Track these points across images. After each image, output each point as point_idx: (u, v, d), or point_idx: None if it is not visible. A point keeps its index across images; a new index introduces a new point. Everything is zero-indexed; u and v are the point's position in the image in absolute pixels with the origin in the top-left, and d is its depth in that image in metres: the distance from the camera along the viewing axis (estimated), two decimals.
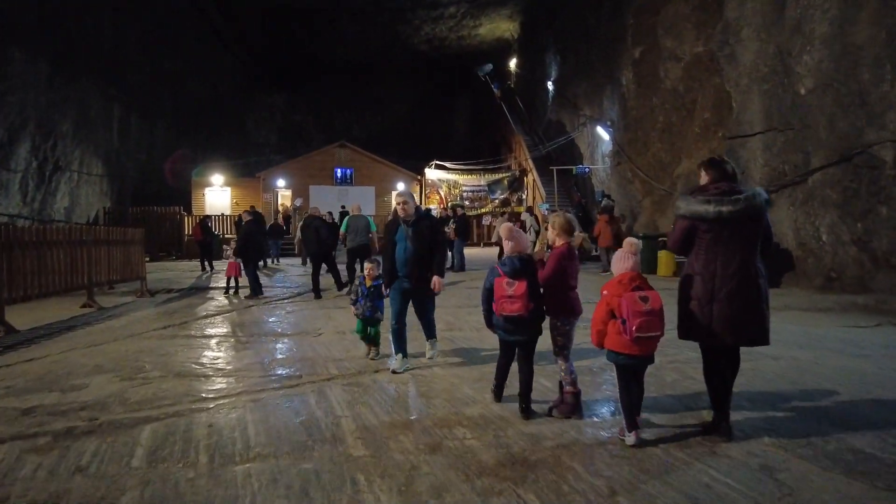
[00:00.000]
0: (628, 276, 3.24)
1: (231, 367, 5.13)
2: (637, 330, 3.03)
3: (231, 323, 7.49)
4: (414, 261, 4.75)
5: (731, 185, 3.34)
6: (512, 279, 3.50)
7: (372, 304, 5.27)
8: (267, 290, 10.84)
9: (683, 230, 3.39)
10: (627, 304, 3.07)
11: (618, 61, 17.39)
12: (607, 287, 3.28)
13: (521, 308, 3.46)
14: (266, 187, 21.05)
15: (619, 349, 3.17)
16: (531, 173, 21.03)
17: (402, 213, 4.87)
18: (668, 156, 14.77)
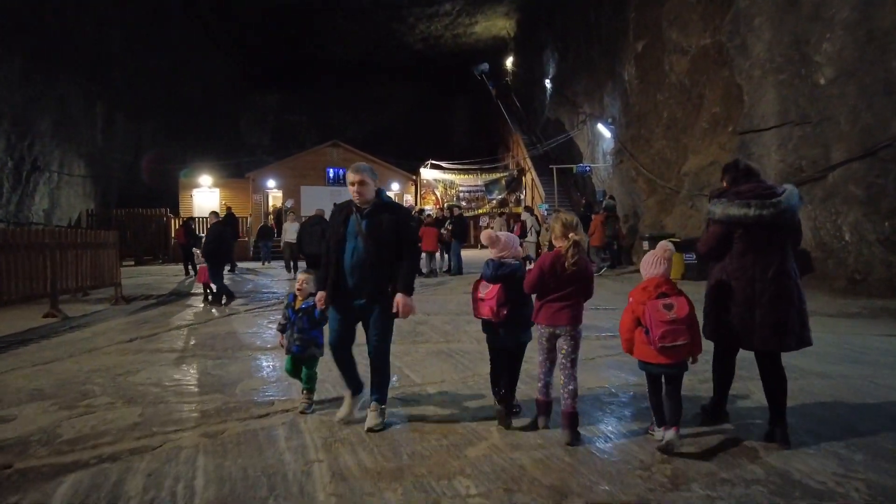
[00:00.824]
0: (654, 283, 3.08)
1: (194, 390, 4.40)
2: (661, 340, 2.91)
3: (205, 335, 6.75)
4: (367, 267, 3.33)
5: (764, 184, 3.21)
6: (488, 282, 3.39)
7: (303, 334, 3.73)
8: (251, 297, 10.11)
9: (717, 235, 3.23)
10: (650, 312, 2.95)
11: (619, 56, 16.74)
12: (633, 294, 3.13)
13: (489, 312, 3.32)
14: (256, 188, 20.30)
15: (646, 358, 3.06)
16: (530, 173, 20.36)
17: (357, 198, 3.38)
18: (673, 153, 14.11)
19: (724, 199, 3.20)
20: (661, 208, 14.33)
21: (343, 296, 3.41)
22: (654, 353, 2.98)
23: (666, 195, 14.19)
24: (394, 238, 3.36)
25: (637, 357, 3.13)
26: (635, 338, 3.10)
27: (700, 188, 12.57)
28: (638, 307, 3.05)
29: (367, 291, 3.36)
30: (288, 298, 3.92)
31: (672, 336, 2.92)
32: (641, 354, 3.08)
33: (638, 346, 3.09)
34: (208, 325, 7.46)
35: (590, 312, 8.92)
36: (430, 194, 20.01)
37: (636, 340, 3.10)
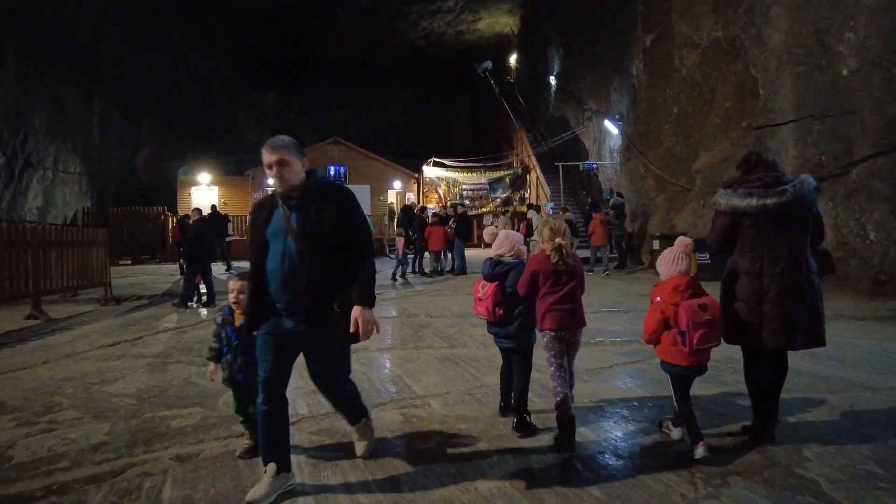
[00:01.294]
0: (685, 282, 2.91)
1: (172, 403, 3.96)
2: (698, 342, 2.79)
3: (192, 339, 6.32)
4: (301, 279, 2.43)
5: (774, 174, 3.07)
6: (487, 281, 3.34)
7: (247, 357, 2.85)
8: None
9: (724, 227, 3.13)
10: (687, 314, 2.79)
11: (627, 51, 16.26)
12: (660, 293, 2.95)
13: (485, 311, 3.29)
14: (255, 186, 19.86)
15: (675, 360, 2.93)
16: (534, 170, 19.89)
17: (279, 184, 2.48)
18: (683, 149, 13.63)
19: (729, 190, 3.09)
20: (672, 206, 13.85)
21: (275, 319, 2.50)
22: (684, 355, 2.87)
23: (676, 193, 13.72)
24: (338, 234, 2.46)
25: (663, 358, 3.00)
26: (663, 339, 2.97)
27: (712, 186, 12.08)
28: (669, 308, 2.88)
29: (305, 310, 2.44)
30: (223, 313, 3.01)
31: (708, 338, 2.82)
32: (669, 356, 2.95)
33: (665, 348, 2.96)
34: (197, 327, 7.02)
35: (602, 315, 8.52)
36: (433, 193, 19.55)
37: (664, 342, 2.96)
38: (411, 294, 10.02)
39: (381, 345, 5.97)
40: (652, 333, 3.00)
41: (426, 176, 20.15)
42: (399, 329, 6.88)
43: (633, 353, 5.34)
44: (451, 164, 20.94)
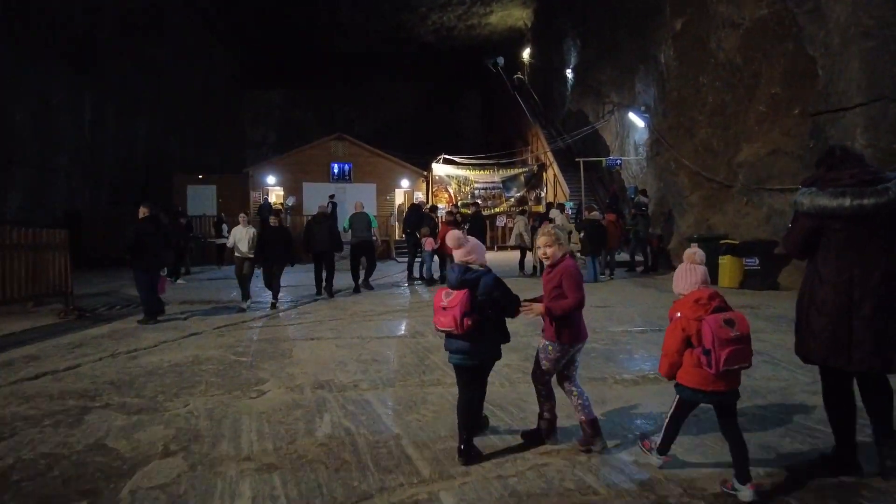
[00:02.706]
0: (707, 294, 2.59)
1: (52, 485, 2.60)
2: (725, 363, 2.43)
3: (141, 368, 4.99)
4: None
5: (870, 170, 2.64)
6: (451, 289, 2.97)
7: None
8: (222, 308, 8.36)
9: (807, 231, 2.72)
10: (712, 330, 2.44)
11: (653, 37, 14.80)
12: (680, 308, 2.61)
13: (451, 322, 2.88)
14: (254, 184, 18.61)
15: (697, 385, 2.55)
16: (551, 167, 18.45)
17: None
18: (720, 142, 12.14)
19: (814, 188, 2.70)
20: (708, 205, 12.36)
21: None
22: (709, 378, 2.54)
23: (713, 190, 12.22)
24: None
25: (683, 382, 2.64)
26: (684, 361, 2.62)
27: (759, 181, 10.60)
28: (691, 324, 2.58)
29: None
30: None
31: (736, 357, 2.49)
32: (690, 380, 2.60)
33: (687, 371, 2.61)
34: (154, 351, 5.68)
35: (634, 339, 7.19)
36: (443, 191, 18.19)
37: (686, 364, 2.62)
38: (419, 305, 8.62)
39: (377, 379, 4.60)
40: (673, 355, 2.64)
41: (435, 174, 18.78)
42: (401, 354, 5.52)
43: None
44: (462, 162, 19.56)
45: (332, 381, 4.63)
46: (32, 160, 14.50)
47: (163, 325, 7.11)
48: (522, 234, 11.54)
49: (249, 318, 7.68)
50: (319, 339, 6.27)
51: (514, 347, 4.76)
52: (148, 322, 7.14)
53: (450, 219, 10.82)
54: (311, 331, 6.75)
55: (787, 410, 3.73)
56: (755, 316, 7.20)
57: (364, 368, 5.00)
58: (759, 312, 7.46)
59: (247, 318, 7.66)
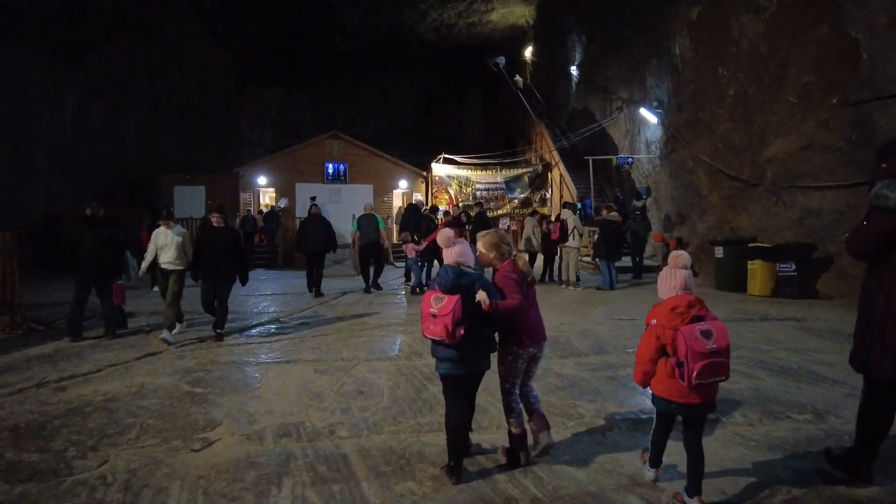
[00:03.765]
0: (685, 302, 2.45)
1: None
2: (698, 376, 2.33)
3: (65, 403, 3.94)
4: None
5: None
6: (443, 294, 2.72)
7: None
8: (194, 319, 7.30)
9: (887, 232, 2.46)
10: (686, 341, 2.35)
11: (666, 28, 13.78)
12: (657, 315, 2.52)
13: (441, 331, 2.65)
14: (245, 185, 17.55)
15: (670, 396, 2.46)
16: (557, 167, 17.40)
17: None
18: (744, 137, 11.11)
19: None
20: (730, 205, 11.32)
21: None
22: (682, 390, 2.41)
23: (735, 189, 11.18)
24: None
25: (656, 393, 2.53)
26: (658, 370, 2.50)
27: (790, 178, 9.56)
28: (665, 333, 2.44)
29: None
30: None
31: (711, 371, 2.35)
32: (663, 390, 2.48)
33: (661, 381, 2.50)
34: (93, 379, 4.63)
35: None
36: (443, 192, 17.15)
37: (659, 373, 2.50)
38: (417, 317, 7.57)
39: (360, 422, 3.56)
40: (646, 363, 2.54)
41: (435, 174, 17.74)
42: (394, 384, 4.46)
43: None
44: (463, 161, 18.51)
45: (303, 424, 3.58)
46: (7, 158, 13.46)
47: (120, 342, 6.06)
48: (531, 238, 10.49)
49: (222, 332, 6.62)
50: (297, 361, 5.21)
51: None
52: (107, 336, 6.13)
53: (449, 219, 9.79)
54: (289, 350, 5.70)
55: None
56: (805, 331, 6.14)
57: (345, 405, 3.95)
58: (810, 326, 6.40)
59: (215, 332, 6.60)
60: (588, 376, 4.63)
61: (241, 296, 9.88)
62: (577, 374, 4.68)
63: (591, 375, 4.65)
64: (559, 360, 5.14)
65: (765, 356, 5.15)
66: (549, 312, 7.57)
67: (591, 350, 5.55)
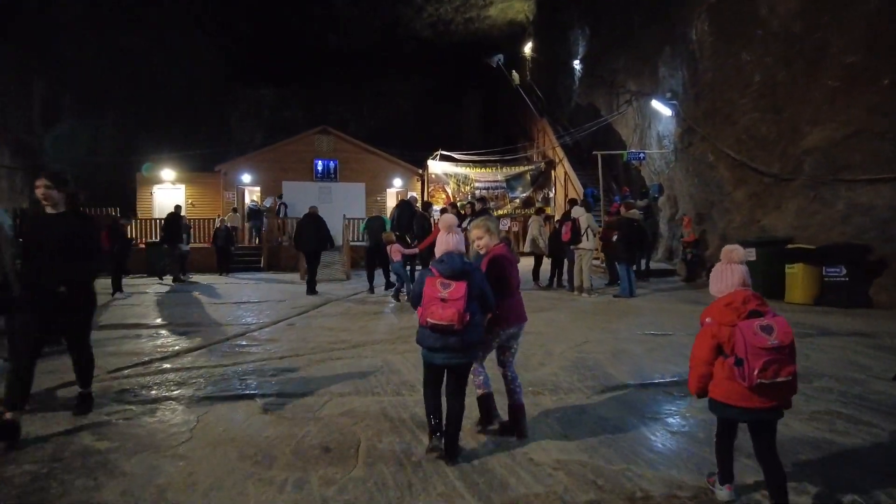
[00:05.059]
0: (741, 296, 2.28)
1: None
2: (760, 374, 2.13)
3: None
4: None
5: None
6: (448, 280, 2.73)
7: None
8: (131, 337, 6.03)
9: None
10: (745, 336, 2.17)
11: (681, 13, 12.62)
12: (710, 313, 2.34)
13: (453, 316, 2.65)
14: (228, 184, 16.25)
15: (730, 400, 2.25)
16: (561, 164, 16.20)
17: None
18: (772, 128, 9.92)
19: None
20: (758, 203, 10.11)
21: None
22: (744, 392, 2.21)
23: (764, 185, 9.98)
24: None
25: (716, 398, 2.31)
26: (715, 372, 2.30)
27: (834, 171, 8.36)
28: (721, 330, 2.26)
29: None
30: None
31: (775, 368, 2.15)
32: (723, 394, 2.27)
33: (720, 384, 2.29)
34: None
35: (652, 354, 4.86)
36: (440, 191, 15.92)
37: (717, 376, 2.30)
38: (409, 331, 6.27)
39: None
40: (702, 365, 2.32)
41: (432, 172, 16.51)
42: (375, 434, 3.19)
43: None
44: (461, 158, 17.30)
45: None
46: None
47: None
48: (537, 239, 9.26)
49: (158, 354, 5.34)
50: (250, 396, 3.94)
51: None
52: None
53: (453, 211, 8.57)
54: (245, 377, 4.43)
55: None
56: (888, 351, 4.91)
57: (301, 475, 2.69)
58: (887, 345, 5.17)
59: (159, 351, 5.32)
60: (637, 421, 3.38)
61: (200, 305, 8.61)
62: (623, 419, 3.43)
63: (642, 419, 3.40)
64: (596, 396, 3.89)
65: (864, 389, 3.91)
66: (568, 327, 6.30)
67: (630, 377, 4.30)
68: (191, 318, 7.41)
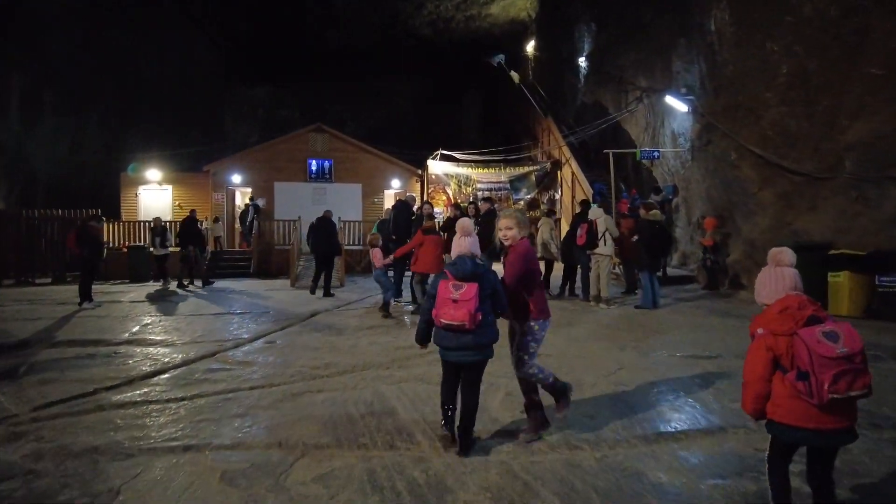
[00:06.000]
0: (796, 301, 2.01)
1: None
2: (832, 388, 1.82)
3: None
4: None
5: None
6: (460, 282, 2.84)
7: None
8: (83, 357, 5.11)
9: None
10: (808, 346, 1.86)
11: (697, 3, 11.76)
12: (762, 322, 2.06)
13: (465, 316, 2.75)
14: (216, 184, 15.32)
15: (796, 421, 1.92)
16: (568, 164, 15.31)
17: None
18: (803, 122, 9.03)
19: None
20: (788, 204, 9.21)
21: None
22: (811, 411, 1.89)
23: (794, 184, 9.09)
24: None
25: (777, 419, 1.97)
26: (775, 391, 1.97)
27: (881, 167, 7.47)
28: (778, 341, 1.96)
29: None
30: None
31: (848, 380, 1.84)
32: (786, 414, 1.94)
33: (780, 403, 1.96)
34: None
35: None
36: (441, 193, 15.03)
37: (776, 394, 1.97)
38: (407, 351, 5.32)
39: None
40: (758, 382, 2.00)
41: (432, 172, 15.61)
42: None
43: None
44: (463, 158, 16.40)
45: None
46: None
47: None
48: (549, 243, 8.35)
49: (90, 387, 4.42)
50: (202, 447, 3.02)
51: None
52: None
53: (456, 212, 7.69)
54: (200, 419, 3.51)
55: None
56: None
57: None
58: None
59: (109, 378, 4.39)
60: (709, 490, 2.45)
61: (175, 316, 7.68)
62: (694, 487, 2.50)
63: (720, 493, 2.47)
64: (648, 447, 2.97)
65: None
66: (594, 348, 5.21)
67: (687, 420, 3.38)
68: (159, 334, 6.48)
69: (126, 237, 13.82)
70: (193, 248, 11.20)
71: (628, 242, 8.45)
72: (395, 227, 8.67)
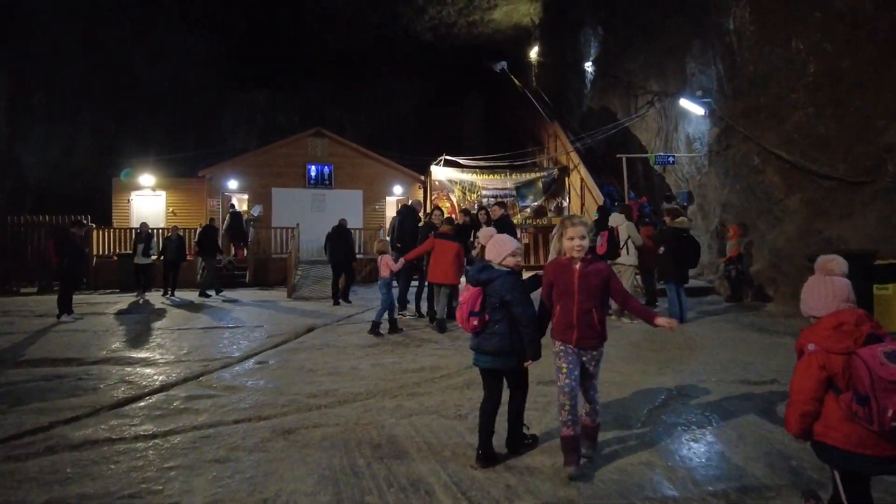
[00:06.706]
0: (853, 317, 1.83)
1: None
2: (895, 416, 1.63)
3: None
4: None
5: None
6: (469, 285, 2.89)
7: None
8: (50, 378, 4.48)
9: None
10: (870, 368, 1.67)
11: (714, 2, 11.26)
12: (812, 337, 1.87)
13: (462, 317, 2.81)
14: (212, 190, 14.70)
15: (852, 446, 1.76)
16: (577, 170, 14.73)
17: None
18: (832, 124, 8.47)
19: None
20: (817, 211, 8.61)
21: None
22: (868, 437, 1.72)
23: (825, 190, 8.50)
24: None
25: (831, 443, 1.80)
26: (827, 411, 1.81)
27: None
28: (833, 360, 1.79)
29: None
30: None
31: None
32: (844, 439, 1.77)
33: (835, 426, 1.79)
34: None
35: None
36: (444, 200, 14.44)
37: (829, 416, 1.80)
38: (412, 381, 4.68)
39: None
40: (807, 403, 1.82)
41: (435, 179, 15.03)
42: None
43: None
44: (467, 164, 15.82)
45: None
46: None
47: None
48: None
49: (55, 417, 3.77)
50: None
51: None
52: None
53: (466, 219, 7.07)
54: (171, 466, 2.86)
55: None
56: None
57: None
58: None
59: (73, 407, 3.74)
60: None
61: (161, 330, 7.02)
62: None
63: None
64: None
65: None
66: (629, 371, 4.44)
67: (769, 470, 2.74)
68: (141, 351, 5.83)
69: (117, 245, 13.20)
70: (222, 255, 11.36)
71: (650, 250, 7.86)
72: (399, 234, 8.06)
